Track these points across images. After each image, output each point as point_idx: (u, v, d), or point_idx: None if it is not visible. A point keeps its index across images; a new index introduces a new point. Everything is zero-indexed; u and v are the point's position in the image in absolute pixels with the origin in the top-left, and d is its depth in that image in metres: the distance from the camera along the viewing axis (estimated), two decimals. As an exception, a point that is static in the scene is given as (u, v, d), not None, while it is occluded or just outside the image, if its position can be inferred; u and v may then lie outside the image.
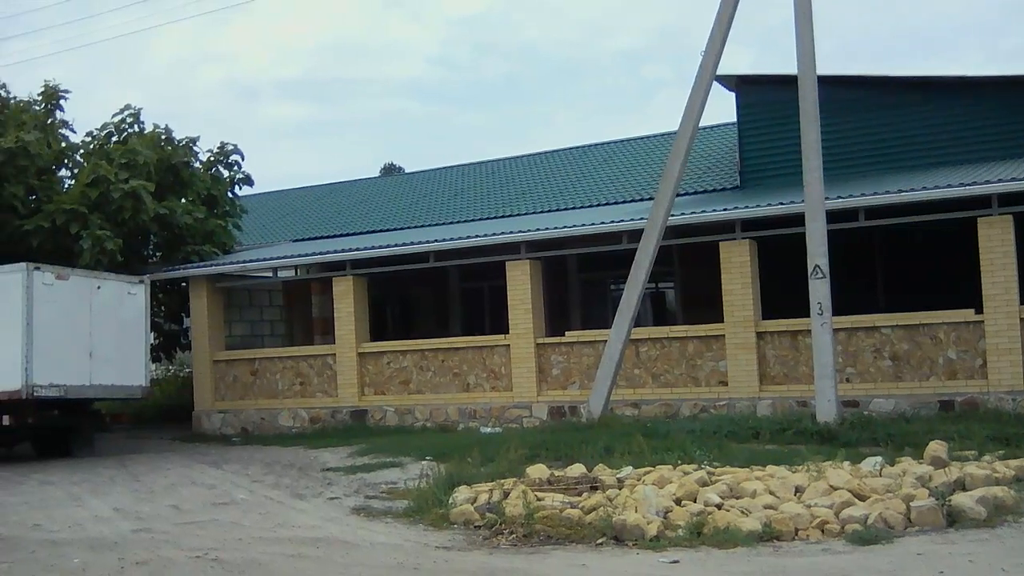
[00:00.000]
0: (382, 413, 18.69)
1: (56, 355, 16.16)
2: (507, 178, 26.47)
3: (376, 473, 13.17)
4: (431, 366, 18.53)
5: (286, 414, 19.71)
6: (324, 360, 19.60)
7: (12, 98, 21.57)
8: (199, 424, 20.60)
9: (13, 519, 10.81)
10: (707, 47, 14.61)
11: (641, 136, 26.65)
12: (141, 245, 21.96)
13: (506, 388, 17.77)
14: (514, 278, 17.67)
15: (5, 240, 19.81)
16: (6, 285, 16.12)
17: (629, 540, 8.28)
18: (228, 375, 20.55)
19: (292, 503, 11.31)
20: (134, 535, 9.63)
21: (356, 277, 19.26)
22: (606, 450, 12.20)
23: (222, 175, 23.76)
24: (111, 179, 19.73)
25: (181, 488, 12.84)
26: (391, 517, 10.02)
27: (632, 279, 14.67)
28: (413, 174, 32.02)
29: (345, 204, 28.23)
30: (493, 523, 9.04)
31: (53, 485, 13.60)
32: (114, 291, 17.50)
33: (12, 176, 19.36)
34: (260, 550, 8.64)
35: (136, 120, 22.52)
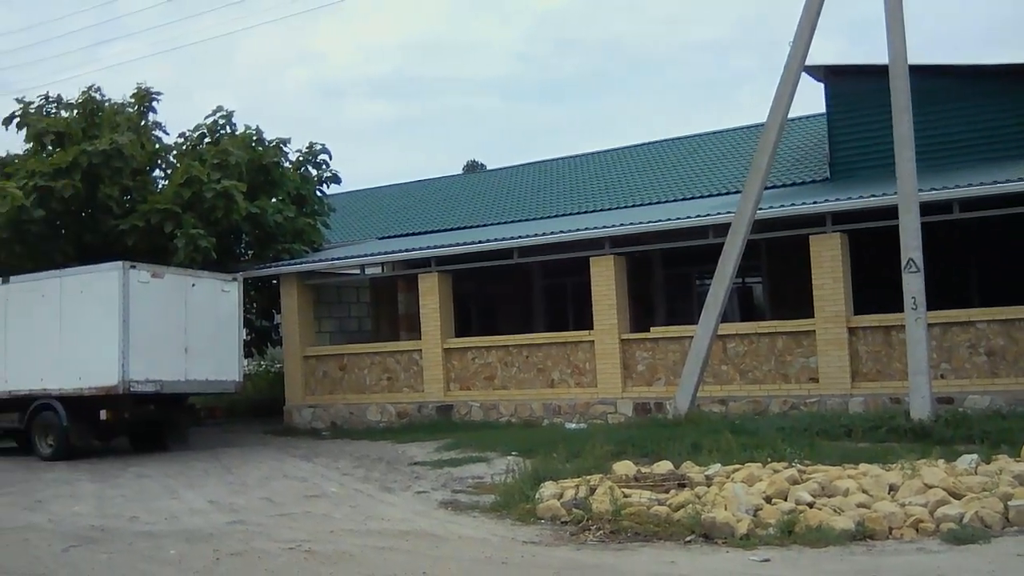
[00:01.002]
0: (467, 408, 18.82)
1: (152, 351, 16.56)
2: (590, 173, 26.39)
3: (462, 468, 13.27)
4: (515, 362, 18.58)
5: (374, 409, 19.97)
6: (410, 356, 19.80)
7: (106, 101, 22.14)
8: (290, 418, 20.99)
9: (111, 511, 11.16)
10: (795, 37, 14.36)
11: (727, 129, 26.34)
12: (233, 243, 22.44)
13: (590, 384, 17.73)
14: (598, 274, 17.61)
15: (101, 239, 20.43)
16: (103, 283, 16.60)
17: (719, 538, 8.19)
18: (318, 370, 20.90)
19: (381, 496, 11.45)
20: (229, 527, 9.85)
21: (441, 274, 19.41)
22: (693, 447, 12.08)
23: (311, 174, 24.17)
24: (204, 179, 20.19)
25: (273, 481, 13.11)
26: (478, 511, 10.08)
27: (719, 274, 14.50)
28: (496, 171, 32.15)
29: (430, 201, 28.47)
30: (580, 519, 9.02)
31: (149, 478, 14.00)
32: (208, 288, 17.89)
33: (107, 177, 19.90)
34: (351, 542, 8.77)
35: (228, 121, 23.06)
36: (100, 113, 21.54)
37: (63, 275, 17.47)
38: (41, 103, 21.89)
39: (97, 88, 21.99)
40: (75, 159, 19.37)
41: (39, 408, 17.15)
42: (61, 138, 20.82)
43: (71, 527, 10.18)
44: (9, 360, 17.58)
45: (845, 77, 20.05)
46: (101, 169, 19.65)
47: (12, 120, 21.43)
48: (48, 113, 21.80)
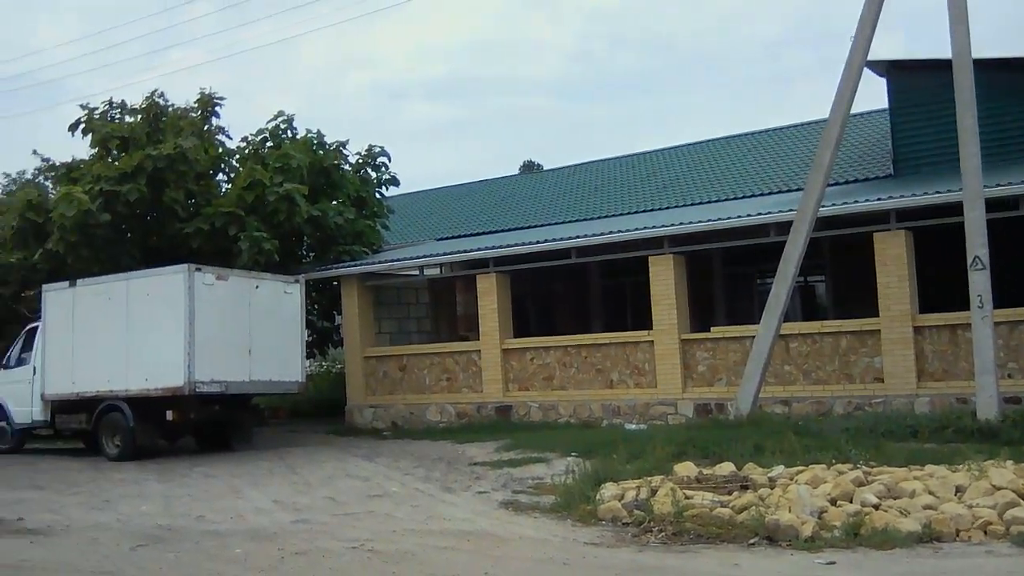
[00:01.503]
0: (526, 409, 18.83)
1: (217, 352, 16.79)
2: (647, 172, 26.25)
3: (522, 468, 13.28)
4: (574, 362, 18.55)
5: (434, 409, 20.07)
6: (469, 356, 19.87)
7: (170, 106, 22.56)
8: (351, 418, 21.18)
9: (178, 510, 11.34)
10: (856, 32, 14.15)
11: (785, 125, 26.05)
12: (295, 246, 22.71)
13: (650, 385, 17.63)
14: (657, 273, 17.51)
15: (167, 242, 20.81)
16: (169, 286, 16.87)
17: (783, 540, 8.12)
18: (378, 371, 21.07)
19: (442, 496, 11.51)
20: (293, 526, 9.98)
21: (499, 274, 19.45)
22: (756, 448, 11.95)
23: (370, 177, 24.38)
24: (266, 183, 20.48)
25: (336, 480, 13.24)
26: (539, 512, 10.09)
27: (781, 273, 14.34)
28: (552, 171, 32.13)
29: (487, 202, 28.54)
30: (641, 520, 8.99)
31: (215, 478, 14.21)
32: (271, 290, 18.11)
33: (172, 181, 20.25)
34: (413, 542, 8.84)
35: (289, 125, 23.37)
36: (164, 118, 21.90)
37: (130, 278, 17.81)
38: (106, 109, 22.35)
39: (160, 93, 22.42)
40: (140, 163, 19.72)
41: (106, 409, 17.50)
42: (126, 143, 21.19)
43: (139, 526, 10.36)
44: (77, 362, 17.94)
45: (907, 72, 19.71)
46: (166, 173, 19.98)
47: (78, 126, 21.89)
48: (113, 119, 22.24)
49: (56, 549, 9.30)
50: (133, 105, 22.29)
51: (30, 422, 19.14)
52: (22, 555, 9.01)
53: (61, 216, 19.23)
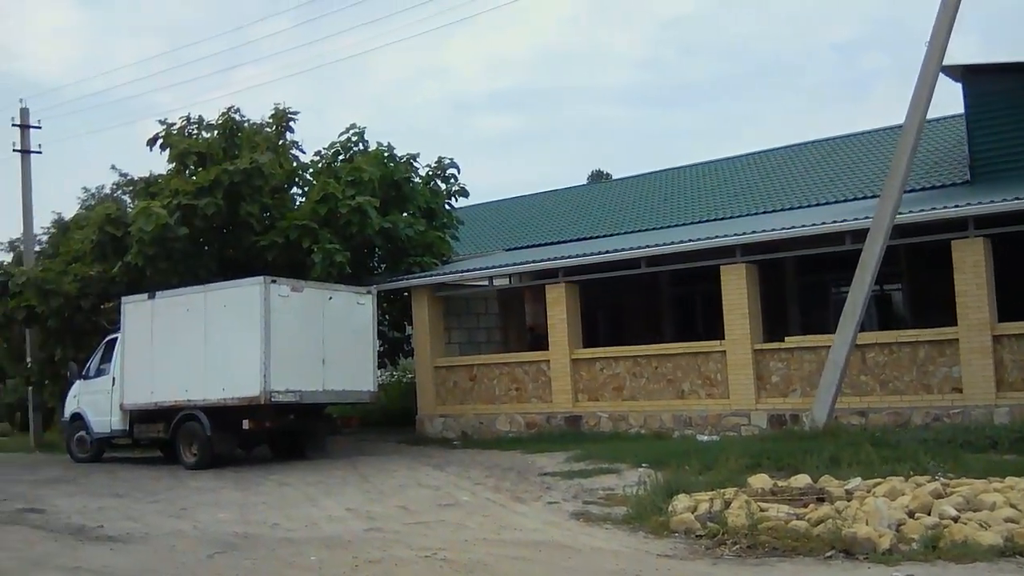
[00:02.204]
0: (596, 419, 18.76)
1: (292, 363, 17.04)
2: (719, 180, 26.02)
3: (593, 479, 13.22)
4: (644, 372, 18.43)
5: (503, 419, 20.10)
6: (538, 366, 19.86)
7: (246, 121, 22.97)
8: (422, 428, 21.31)
9: (254, 518, 11.51)
10: (932, 36, 13.88)
11: (860, 132, 25.62)
12: (367, 257, 22.95)
13: (722, 395, 17.44)
14: (729, 282, 17.32)
15: (243, 255, 21.17)
16: (246, 298, 17.18)
17: (860, 554, 7.97)
18: (448, 381, 21.17)
19: (513, 506, 11.51)
20: (366, 534, 10.07)
21: (568, 284, 19.42)
22: (832, 460, 11.77)
23: (440, 188, 24.58)
24: (339, 196, 20.74)
25: (408, 489, 13.33)
26: (610, 523, 10.04)
27: (857, 281, 14.09)
28: (622, 180, 32.02)
29: (556, 212, 28.55)
30: (715, 533, 8.90)
31: (289, 486, 14.39)
32: (344, 301, 18.33)
33: (248, 195, 20.59)
34: (485, 551, 8.86)
35: (361, 139, 23.69)
36: (240, 133, 22.31)
37: (207, 290, 18.17)
38: (183, 125, 22.82)
39: (236, 109, 22.81)
40: (217, 178, 20.08)
41: (184, 418, 17.87)
42: (203, 158, 21.63)
43: (215, 534, 10.53)
44: (155, 372, 18.36)
45: (984, 76, 19.28)
46: (242, 187, 20.31)
47: (156, 141, 22.41)
48: (190, 134, 22.70)
49: (135, 556, 9.49)
50: (210, 121, 22.75)
51: (109, 431, 19.64)
52: (103, 561, 9.23)
53: (140, 230, 19.63)
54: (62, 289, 21.57)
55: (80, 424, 20.30)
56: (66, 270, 22.18)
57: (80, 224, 26.20)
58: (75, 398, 20.62)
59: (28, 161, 28.66)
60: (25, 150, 28.69)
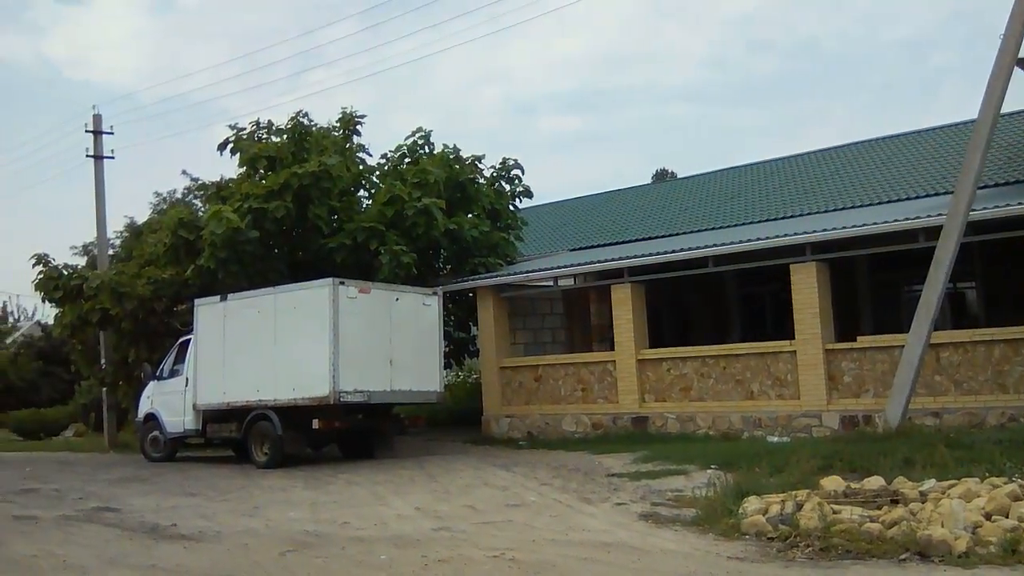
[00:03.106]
0: (663, 420, 18.63)
1: (360, 363, 17.22)
2: (786, 178, 25.69)
3: (661, 480, 13.13)
4: (712, 373, 18.25)
5: (569, 419, 20.06)
6: (604, 367, 19.79)
7: (314, 126, 23.20)
8: (488, 428, 21.37)
9: (325, 517, 11.60)
10: (1006, 30, 13.56)
11: (930, 128, 25.12)
12: (432, 258, 23.08)
13: (792, 396, 17.20)
14: (799, 281, 17.08)
15: (311, 257, 21.42)
16: (315, 299, 17.39)
17: (935, 556, 7.81)
18: (514, 381, 21.20)
19: (580, 507, 11.48)
20: (435, 533, 10.10)
21: (634, 284, 19.32)
22: (906, 462, 11.55)
23: (504, 189, 24.64)
24: (405, 198, 20.89)
25: (475, 489, 13.36)
26: (679, 525, 9.96)
27: (931, 279, 13.80)
28: (686, 179, 31.79)
29: (620, 212, 28.42)
30: (787, 535, 8.78)
31: (358, 485, 14.51)
32: (411, 302, 18.47)
33: (316, 198, 20.81)
34: (553, 552, 8.83)
35: (426, 141, 23.86)
36: (308, 137, 22.55)
37: (277, 292, 18.43)
38: (253, 129, 23.16)
39: (304, 114, 23.03)
40: (286, 181, 20.33)
41: (255, 418, 18.14)
42: (272, 162, 21.94)
43: (287, 532, 10.63)
44: (227, 373, 18.67)
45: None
46: (310, 190, 20.53)
47: (226, 146, 22.80)
48: (259, 139, 23.01)
49: (209, 554, 9.60)
50: (279, 125, 23.04)
51: (182, 431, 20.00)
52: (177, 560, 9.36)
53: (211, 233, 19.95)
54: (136, 292, 22.01)
55: (154, 424, 20.71)
56: (140, 273, 22.63)
57: (153, 228, 26.70)
58: (149, 399, 21.06)
59: (101, 166, 29.29)
60: (98, 156, 29.32)
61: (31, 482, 16.81)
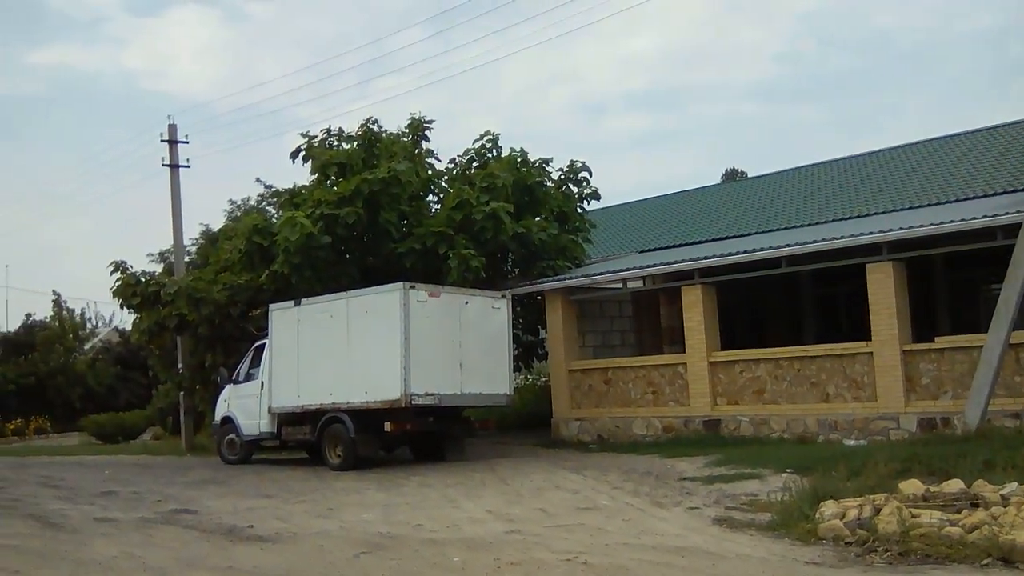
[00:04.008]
0: (736, 423, 18.42)
1: (430, 366, 17.34)
2: (860, 176, 25.25)
3: (735, 484, 13.00)
4: (786, 375, 17.99)
5: (639, 422, 19.94)
6: (675, 369, 19.63)
7: (383, 132, 23.39)
8: (557, 431, 21.34)
9: (398, 519, 11.70)
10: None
11: (1007, 123, 24.48)
12: (501, 262, 23.16)
13: (869, 398, 16.88)
14: (875, 281, 16.75)
15: (382, 262, 21.62)
16: (386, 303, 17.56)
17: (1019, 562, 7.65)
18: (583, 384, 21.14)
19: (652, 511, 11.41)
20: (506, 536, 10.12)
21: (705, 286, 19.14)
22: (986, 465, 11.30)
23: (572, 192, 24.59)
24: (473, 202, 20.97)
25: (546, 492, 13.35)
26: (754, 529, 9.85)
27: (1010, 277, 13.45)
28: (757, 178, 31.44)
29: (689, 213, 28.20)
30: (865, 540, 8.64)
31: (430, 487, 14.60)
32: (480, 306, 18.55)
33: (386, 203, 21.00)
34: (626, 556, 8.79)
35: (495, 145, 23.94)
36: (378, 144, 22.75)
37: (349, 296, 18.64)
38: (324, 137, 23.46)
39: (374, 120, 23.22)
40: (357, 187, 20.53)
41: (329, 421, 18.36)
42: (343, 169, 22.17)
43: (361, 534, 10.74)
44: (301, 377, 18.93)
45: None
46: (381, 196, 20.72)
47: (299, 154, 23.08)
48: (330, 146, 23.30)
49: (285, 556, 9.73)
50: (349, 132, 23.30)
51: (258, 434, 20.33)
52: (254, 561, 9.50)
53: (285, 239, 20.22)
54: (212, 297, 22.44)
55: (230, 427, 21.08)
56: (215, 279, 23.07)
57: (228, 235, 27.17)
58: (225, 402, 21.45)
59: (177, 175, 29.94)
60: (173, 164, 29.97)
61: (111, 484, 17.21)
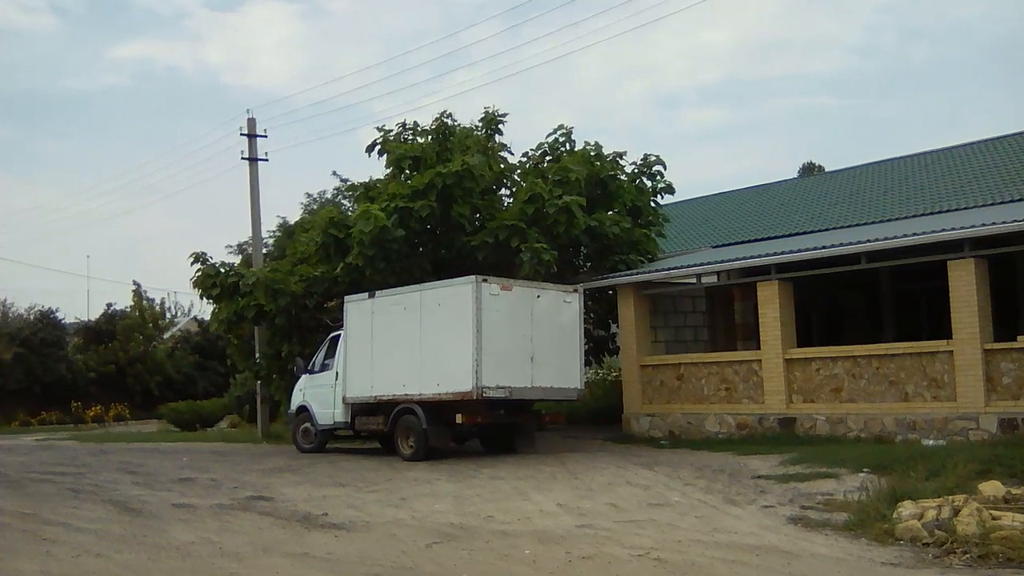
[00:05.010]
0: (811, 421, 18.14)
1: (502, 360, 17.39)
2: (942, 171, 24.66)
3: (810, 483, 12.82)
4: (864, 373, 17.66)
5: (712, 419, 19.76)
6: (749, 366, 19.40)
7: (457, 126, 23.53)
8: (628, 426, 21.25)
9: (469, 510, 11.79)
10: None
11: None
12: (573, 256, 23.10)
13: (948, 398, 16.49)
14: (957, 278, 16.35)
15: (454, 255, 21.75)
16: (459, 296, 17.66)
17: (1107, 569, 7.41)
18: (655, 379, 21.01)
19: (725, 508, 11.31)
20: (577, 530, 10.13)
21: (781, 281, 18.86)
22: (1070, 467, 10.99)
23: (646, 186, 24.42)
24: (545, 196, 20.96)
25: (617, 487, 13.31)
26: (830, 529, 9.72)
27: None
28: (835, 172, 30.87)
29: (765, 207, 27.83)
30: (943, 541, 8.49)
31: (501, 479, 14.66)
32: (552, 300, 18.54)
33: (460, 197, 21.12)
34: (699, 553, 8.74)
35: (568, 138, 23.89)
36: (452, 137, 22.89)
37: (422, 289, 18.79)
38: (398, 131, 23.65)
39: (448, 114, 23.38)
40: (431, 181, 20.69)
41: (401, 412, 18.52)
42: (417, 162, 22.35)
43: (433, 524, 10.85)
44: (375, 368, 19.14)
45: None
46: (454, 190, 20.85)
47: (374, 148, 23.33)
48: (405, 140, 23.48)
49: (359, 544, 9.88)
50: (424, 126, 23.47)
51: (332, 423, 20.61)
52: (329, 548, 9.66)
53: (360, 232, 20.44)
54: (289, 289, 22.79)
55: (305, 416, 21.39)
56: (292, 271, 23.43)
57: (305, 227, 27.56)
58: (301, 392, 21.78)
59: (255, 168, 30.41)
60: (252, 158, 30.44)
61: (188, 471, 17.59)
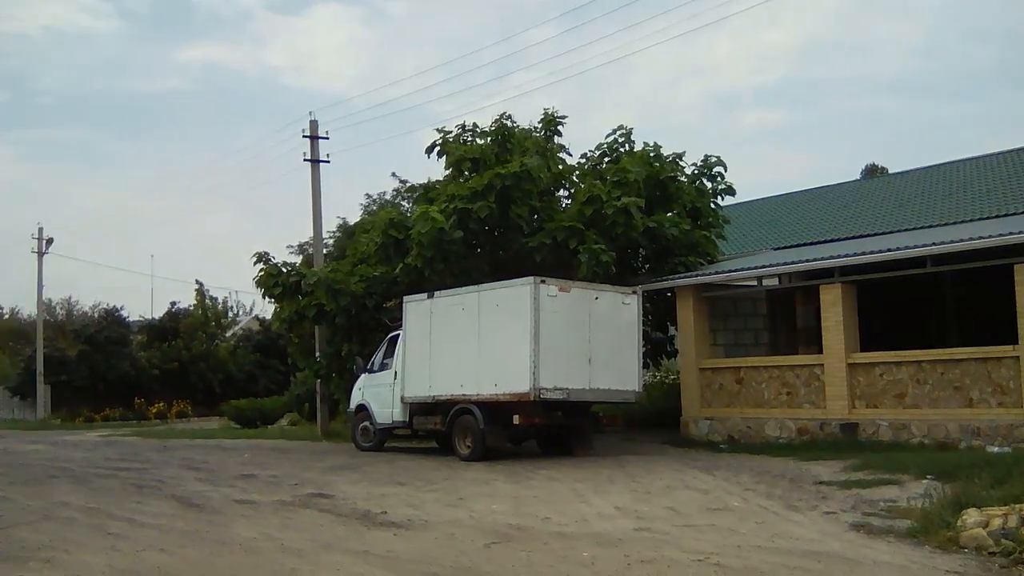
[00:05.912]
0: (874, 427, 17.87)
1: (559, 361, 17.38)
2: (1008, 173, 24.19)
3: (873, 490, 12.61)
4: (928, 379, 17.35)
5: (772, 424, 19.56)
6: (811, 371, 19.16)
7: (516, 127, 23.55)
8: (686, 429, 21.10)
9: (527, 511, 11.78)
10: None
11: None
12: (631, 257, 23.02)
13: (1015, 404, 16.15)
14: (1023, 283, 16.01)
15: (512, 256, 21.79)
16: (517, 297, 17.69)
17: None
18: (714, 383, 20.84)
19: (786, 514, 11.16)
20: (636, 533, 10.07)
21: (845, 285, 18.61)
22: None
23: (706, 187, 24.26)
24: (604, 197, 20.90)
25: (676, 491, 13.22)
26: (893, 536, 9.55)
27: None
28: (899, 174, 30.45)
29: (827, 209, 27.49)
30: (1010, 551, 8.30)
31: (559, 481, 14.63)
32: (610, 301, 18.48)
33: (518, 198, 21.13)
34: (760, 559, 8.64)
35: (627, 139, 23.81)
36: (511, 139, 22.92)
37: (480, 290, 18.86)
38: (458, 132, 23.80)
39: (508, 116, 23.40)
40: (489, 182, 20.74)
41: (459, 412, 18.62)
42: (476, 164, 22.42)
43: (491, 524, 10.86)
44: (433, 368, 19.26)
45: None
46: (512, 191, 20.87)
47: (434, 149, 23.50)
48: (465, 141, 23.61)
49: (417, 542, 9.91)
50: (483, 128, 23.56)
51: (390, 422, 20.78)
52: (388, 546, 9.72)
53: (419, 233, 20.59)
54: (349, 289, 23.00)
55: (364, 415, 21.60)
56: (353, 271, 23.65)
57: (365, 228, 27.81)
58: (360, 390, 21.99)
59: (317, 170, 30.77)
60: (314, 160, 30.82)
61: (250, 468, 17.83)
